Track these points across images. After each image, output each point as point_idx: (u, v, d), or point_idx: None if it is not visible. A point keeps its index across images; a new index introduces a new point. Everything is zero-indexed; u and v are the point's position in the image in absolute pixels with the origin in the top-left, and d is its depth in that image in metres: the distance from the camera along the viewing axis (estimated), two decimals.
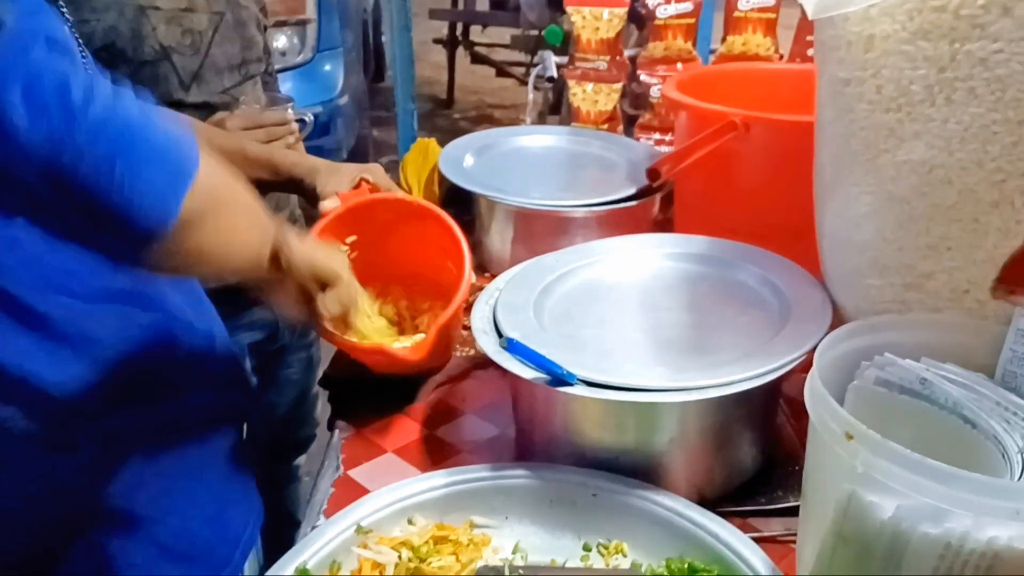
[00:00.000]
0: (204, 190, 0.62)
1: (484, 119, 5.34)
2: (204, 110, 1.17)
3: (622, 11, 1.53)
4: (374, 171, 1.08)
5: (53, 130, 0.56)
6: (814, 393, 0.62)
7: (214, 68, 1.20)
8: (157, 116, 0.63)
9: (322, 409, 1.50)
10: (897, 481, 0.54)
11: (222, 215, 0.66)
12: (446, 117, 5.43)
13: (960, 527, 0.53)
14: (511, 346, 0.77)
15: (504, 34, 4.74)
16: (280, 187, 1.10)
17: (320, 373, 1.21)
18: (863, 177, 0.74)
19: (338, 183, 1.05)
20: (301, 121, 1.30)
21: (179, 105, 1.14)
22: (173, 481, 0.88)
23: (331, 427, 1.00)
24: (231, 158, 1.02)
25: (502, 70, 5.37)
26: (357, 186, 1.05)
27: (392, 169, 1.29)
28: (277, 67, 3.30)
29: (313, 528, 0.76)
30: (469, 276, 0.95)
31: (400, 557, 0.71)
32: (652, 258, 1.01)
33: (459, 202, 1.41)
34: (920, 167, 0.69)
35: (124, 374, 0.81)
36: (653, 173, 1.21)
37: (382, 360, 0.94)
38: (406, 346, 0.93)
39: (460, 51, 5.52)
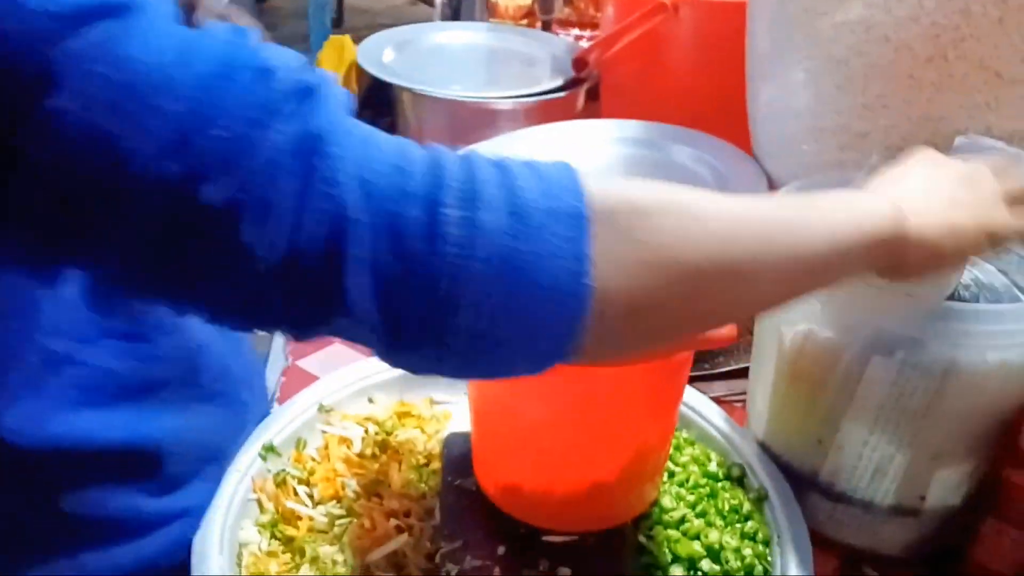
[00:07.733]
0: (623, 283, 0.40)
1: None
2: None
3: None
4: None
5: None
6: None
7: None
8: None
9: None
10: (852, 313, 0.58)
11: (691, 283, 0.42)
12: None
13: (911, 353, 0.56)
14: None
15: None
16: None
17: None
18: (801, 42, 0.76)
19: None
20: None
21: None
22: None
23: None
24: None
25: None
26: None
27: None
28: None
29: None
30: None
31: (367, 431, 0.71)
32: (587, 143, 1.01)
33: (379, 102, 1.37)
34: (858, 26, 0.71)
35: None
36: (579, 62, 1.20)
37: None
38: None
39: None
